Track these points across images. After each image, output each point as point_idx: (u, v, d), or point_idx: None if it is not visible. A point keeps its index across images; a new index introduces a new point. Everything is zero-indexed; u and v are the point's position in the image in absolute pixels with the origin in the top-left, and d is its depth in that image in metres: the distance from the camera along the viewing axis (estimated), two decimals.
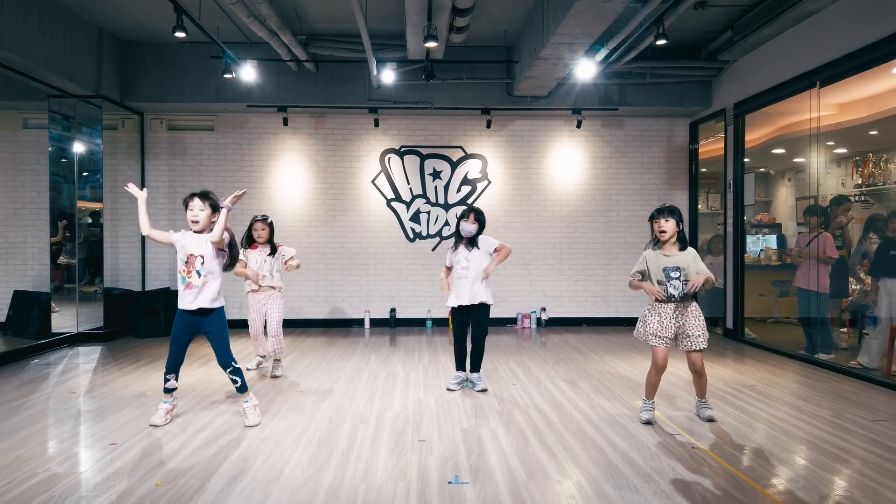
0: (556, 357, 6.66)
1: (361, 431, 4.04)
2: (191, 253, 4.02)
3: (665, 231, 4.09)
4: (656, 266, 4.13)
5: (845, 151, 7.82)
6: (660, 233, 4.11)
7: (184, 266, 4.04)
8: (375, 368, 6.07)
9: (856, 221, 7.31)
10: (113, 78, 7.87)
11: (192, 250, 4.03)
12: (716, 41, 7.64)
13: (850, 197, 7.34)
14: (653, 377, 4.22)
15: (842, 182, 7.91)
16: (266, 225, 5.67)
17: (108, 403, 4.71)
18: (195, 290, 4.02)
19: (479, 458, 3.54)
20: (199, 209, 4.05)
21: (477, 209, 5.14)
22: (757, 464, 3.48)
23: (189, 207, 4.07)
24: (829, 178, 7.79)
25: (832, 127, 7.03)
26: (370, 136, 8.86)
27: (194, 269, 4.03)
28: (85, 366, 6.17)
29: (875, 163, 7.40)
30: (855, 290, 6.99)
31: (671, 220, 4.10)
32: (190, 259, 4.02)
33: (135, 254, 8.69)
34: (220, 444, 3.76)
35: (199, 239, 4.06)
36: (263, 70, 7.81)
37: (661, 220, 4.11)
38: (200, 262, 4.03)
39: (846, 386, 5.35)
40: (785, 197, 9.62)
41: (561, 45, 6.17)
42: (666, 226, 4.09)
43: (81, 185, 7.69)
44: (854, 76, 5.93)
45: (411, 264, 8.94)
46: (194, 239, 4.07)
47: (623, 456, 3.59)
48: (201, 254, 4.03)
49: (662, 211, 4.13)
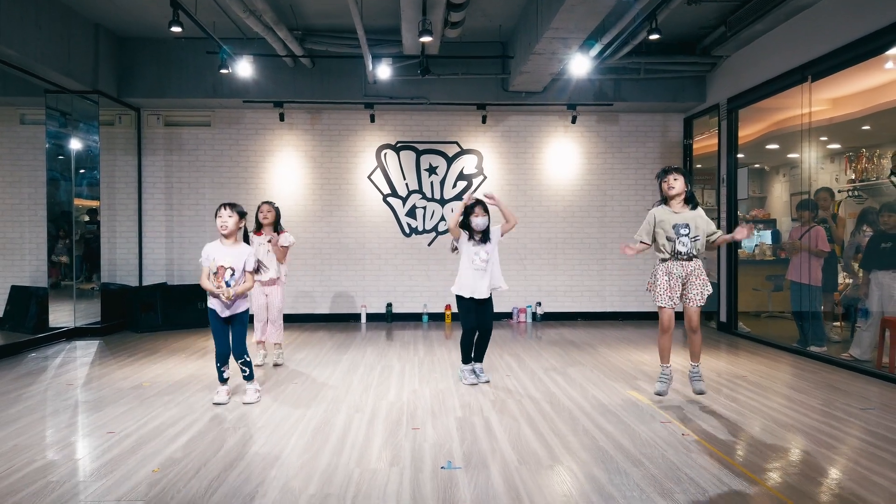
0: (551, 350, 6.71)
1: (357, 420, 4.09)
2: (221, 265, 4.32)
3: (674, 187, 4.18)
4: (666, 222, 4.21)
5: (839, 147, 7.87)
6: (669, 189, 4.20)
7: (213, 276, 4.34)
8: (371, 361, 6.12)
9: (848, 216, 7.35)
10: (110, 74, 7.90)
11: (222, 262, 4.33)
12: (709, 36, 7.68)
13: (842, 191, 7.39)
14: (661, 341, 4.39)
15: (835, 177, 7.96)
16: (272, 207, 5.70)
17: (106, 394, 4.75)
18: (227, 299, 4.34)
19: (472, 445, 3.59)
20: (228, 216, 4.36)
21: (482, 201, 5.05)
22: (748, 451, 3.53)
23: (218, 215, 4.37)
24: (822, 173, 7.83)
25: (825, 122, 7.08)
26: (366, 131, 8.89)
27: (223, 280, 4.33)
28: (83, 359, 6.21)
29: (868, 158, 7.44)
30: (847, 285, 7.03)
31: (680, 177, 4.19)
32: (220, 270, 4.32)
33: (132, 249, 8.72)
34: (217, 433, 3.81)
35: (230, 252, 4.37)
36: (259, 66, 7.84)
37: (671, 178, 4.21)
38: (230, 273, 4.35)
39: (837, 377, 5.40)
40: (779, 193, 9.67)
41: (555, 40, 6.21)
42: (675, 183, 4.18)
43: (78, 180, 7.72)
44: (845, 70, 5.98)
45: (407, 259, 8.98)
46: (224, 251, 4.37)
47: (614, 442, 3.64)
48: (231, 266, 4.34)
49: (670, 170, 4.24)
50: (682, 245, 4.19)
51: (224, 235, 4.40)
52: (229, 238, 4.41)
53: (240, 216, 4.43)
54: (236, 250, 4.40)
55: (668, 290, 4.25)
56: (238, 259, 4.37)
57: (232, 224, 4.37)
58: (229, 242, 4.42)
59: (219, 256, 4.34)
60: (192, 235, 8.81)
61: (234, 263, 4.35)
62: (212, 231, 8.68)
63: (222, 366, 4.47)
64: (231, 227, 4.37)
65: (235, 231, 4.42)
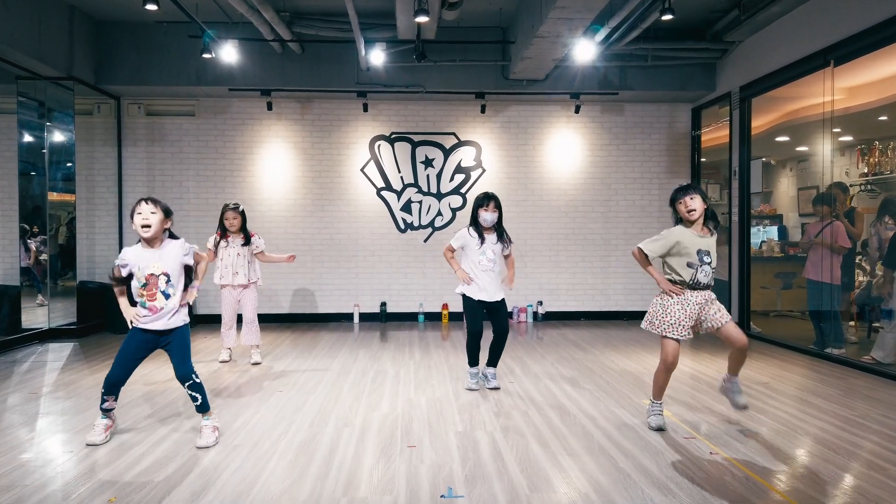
0: (556, 353, 6.31)
1: (345, 436, 3.67)
2: (150, 273, 3.42)
3: (695, 209, 3.64)
4: (690, 247, 3.66)
5: (851, 139, 7.50)
6: (689, 212, 3.65)
7: (141, 289, 3.43)
8: (363, 365, 5.70)
9: (863, 210, 7.01)
10: (86, 59, 7.44)
11: (151, 269, 3.42)
12: (721, 21, 7.28)
13: (853, 185, 7.02)
14: (661, 375, 3.76)
15: (846, 171, 7.60)
16: (238, 213, 5.56)
17: (70, 406, 4.32)
18: (163, 312, 3.46)
19: (476, 467, 3.18)
20: (150, 212, 3.43)
21: (493, 195, 4.68)
22: (791, 477, 3.13)
23: (137, 212, 3.44)
24: (820, 169, 7.49)
25: (841, 112, 6.69)
26: (359, 121, 8.46)
27: (158, 290, 3.44)
28: (53, 363, 5.78)
29: (882, 151, 7.07)
30: (862, 283, 6.68)
31: (697, 196, 3.66)
32: (151, 280, 3.42)
33: (111, 245, 8.27)
34: (187, 454, 3.39)
35: (159, 255, 3.46)
36: (245, 51, 7.39)
37: (687, 199, 3.66)
38: (165, 280, 3.45)
39: (862, 381, 5.02)
40: (786, 188, 9.31)
41: (560, 21, 5.80)
42: (694, 203, 3.64)
43: (53, 173, 7.27)
44: (869, 54, 5.58)
45: (402, 256, 8.56)
46: (150, 256, 3.45)
47: (635, 463, 3.23)
48: (164, 271, 3.45)
49: (686, 189, 3.70)
50: (703, 275, 3.64)
51: (146, 239, 3.45)
52: (154, 241, 3.48)
53: (165, 214, 3.51)
54: (165, 250, 3.48)
55: (684, 319, 3.64)
56: (172, 260, 3.47)
57: (157, 223, 3.43)
58: (156, 245, 3.50)
59: (144, 263, 3.42)
60: (175, 231, 8.32)
61: (168, 267, 3.44)
62: (196, 225, 8.26)
63: (108, 395, 3.54)
64: (156, 229, 3.44)
65: (160, 233, 3.48)
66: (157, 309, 3.44)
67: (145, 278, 3.41)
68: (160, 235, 3.50)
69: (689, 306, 3.65)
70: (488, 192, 4.72)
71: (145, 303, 3.44)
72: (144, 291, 3.43)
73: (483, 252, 4.65)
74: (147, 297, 3.43)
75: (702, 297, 3.68)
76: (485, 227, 4.65)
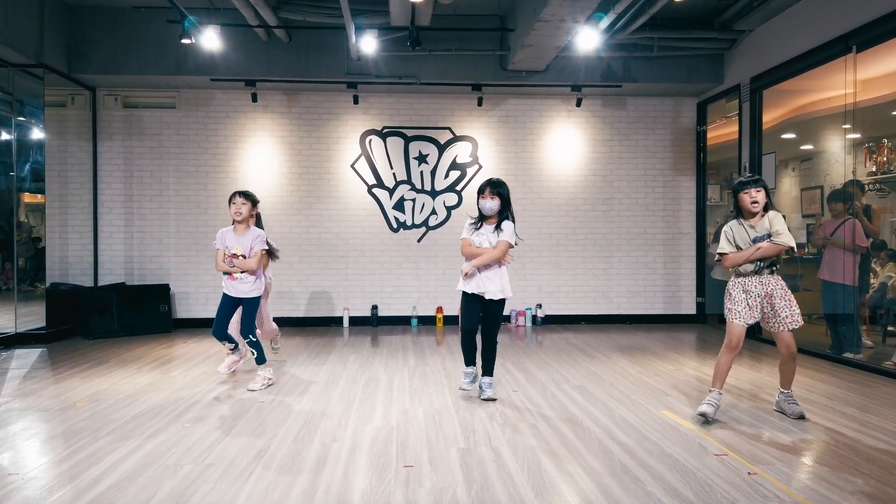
0: (559, 358, 5.90)
1: (333, 454, 3.24)
2: (234, 252, 4.60)
3: (758, 202, 3.85)
4: (744, 238, 3.92)
5: (859, 136, 7.18)
6: (752, 204, 3.85)
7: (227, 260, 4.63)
8: (354, 373, 5.27)
9: (879, 209, 6.69)
10: (58, 46, 6.98)
11: (234, 250, 4.59)
12: (731, 9, 6.93)
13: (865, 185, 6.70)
14: (722, 357, 3.88)
15: (852, 170, 7.29)
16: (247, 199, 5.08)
17: (27, 419, 3.86)
18: (237, 282, 4.61)
19: (483, 491, 2.76)
20: (242, 203, 4.60)
21: (495, 181, 4.32)
22: (840, 496, 2.74)
23: (232, 202, 4.61)
24: (837, 165, 7.17)
25: (865, 103, 6.35)
26: (349, 115, 8.04)
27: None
28: (16, 371, 5.31)
29: (891, 148, 6.77)
30: (875, 285, 6.35)
31: (762, 189, 3.85)
32: (232, 257, 4.60)
33: (86, 245, 7.79)
34: (152, 474, 2.95)
35: (240, 241, 4.61)
36: (229, 38, 6.95)
37: (752, 191, 3.84)
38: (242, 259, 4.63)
39: (891, 388, 4.65)
40: (788, 188, 8.99)
41: (565, 3, 5.41)
42: (758, 196, 3.84)
43: (21, 167, 6.80)
44: (892, 40, 5.24)
45: (395, 257, 8.14)
46: (235, 239, 4.62)
47: (665, 486, 2.83)
48: (243, 254, 4.61)
49: (756, 181, 3.88)
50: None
51: (238, 222, 4.62)
52: (242, 224, 4.62)
53: (252, 203, 4.66)
54: (247, 235, 4.62)
55: (746, 307, 3.86)
56: (246, 244, 4.62)
57: (245, 211, 4.60)
58: (241, 228, 4.62)
59: (231, 244, 4.61)
60: (154, 230, 7.89)
61: (245, 250, 4.61)
62: (176, 223, 7.86)
63: (222, 341, 4.76)
64: (245, 214, 4.61)
65: (248, 218, 4.64)
66: (234, 278, 4.61)
67: (229, 256, 4.62)
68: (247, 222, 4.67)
69: (752, 296, 3.85)
70: (492, 178, 4.37)
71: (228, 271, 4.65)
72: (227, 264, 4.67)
73: (479, 243, 4.29)
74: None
75: (764, 286, 3.82)
76: (486, 215, 4.33)
